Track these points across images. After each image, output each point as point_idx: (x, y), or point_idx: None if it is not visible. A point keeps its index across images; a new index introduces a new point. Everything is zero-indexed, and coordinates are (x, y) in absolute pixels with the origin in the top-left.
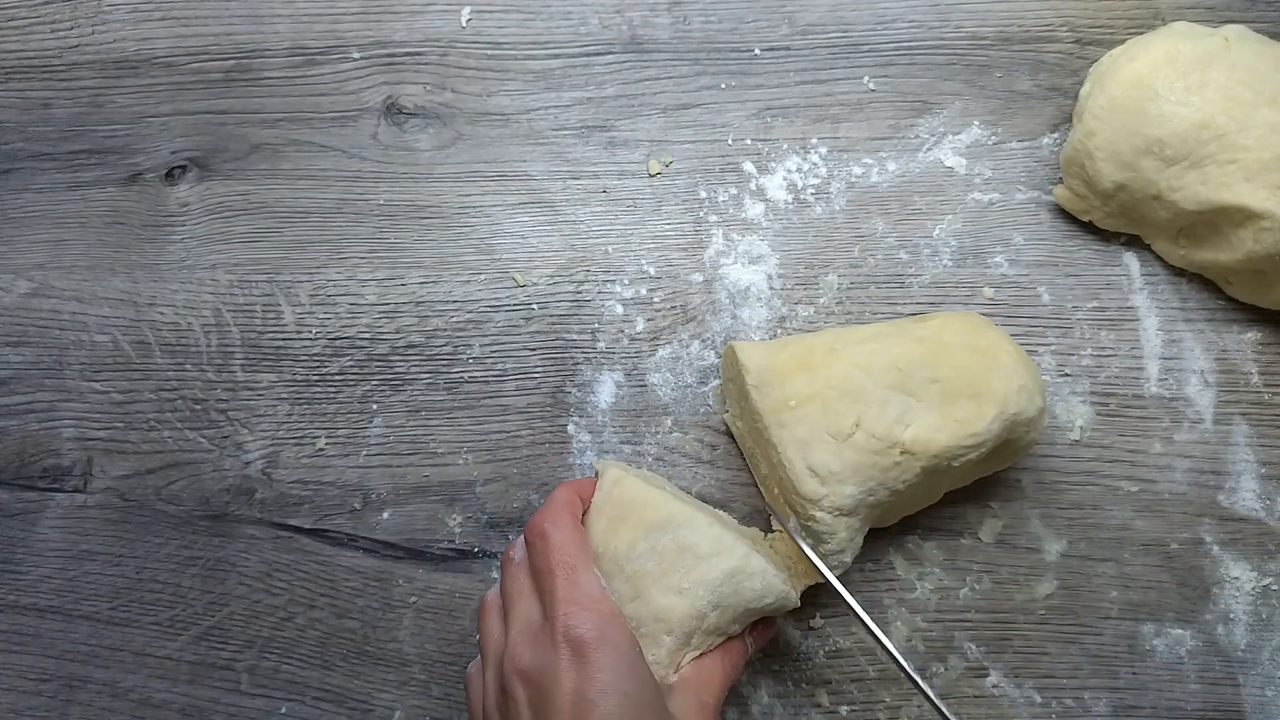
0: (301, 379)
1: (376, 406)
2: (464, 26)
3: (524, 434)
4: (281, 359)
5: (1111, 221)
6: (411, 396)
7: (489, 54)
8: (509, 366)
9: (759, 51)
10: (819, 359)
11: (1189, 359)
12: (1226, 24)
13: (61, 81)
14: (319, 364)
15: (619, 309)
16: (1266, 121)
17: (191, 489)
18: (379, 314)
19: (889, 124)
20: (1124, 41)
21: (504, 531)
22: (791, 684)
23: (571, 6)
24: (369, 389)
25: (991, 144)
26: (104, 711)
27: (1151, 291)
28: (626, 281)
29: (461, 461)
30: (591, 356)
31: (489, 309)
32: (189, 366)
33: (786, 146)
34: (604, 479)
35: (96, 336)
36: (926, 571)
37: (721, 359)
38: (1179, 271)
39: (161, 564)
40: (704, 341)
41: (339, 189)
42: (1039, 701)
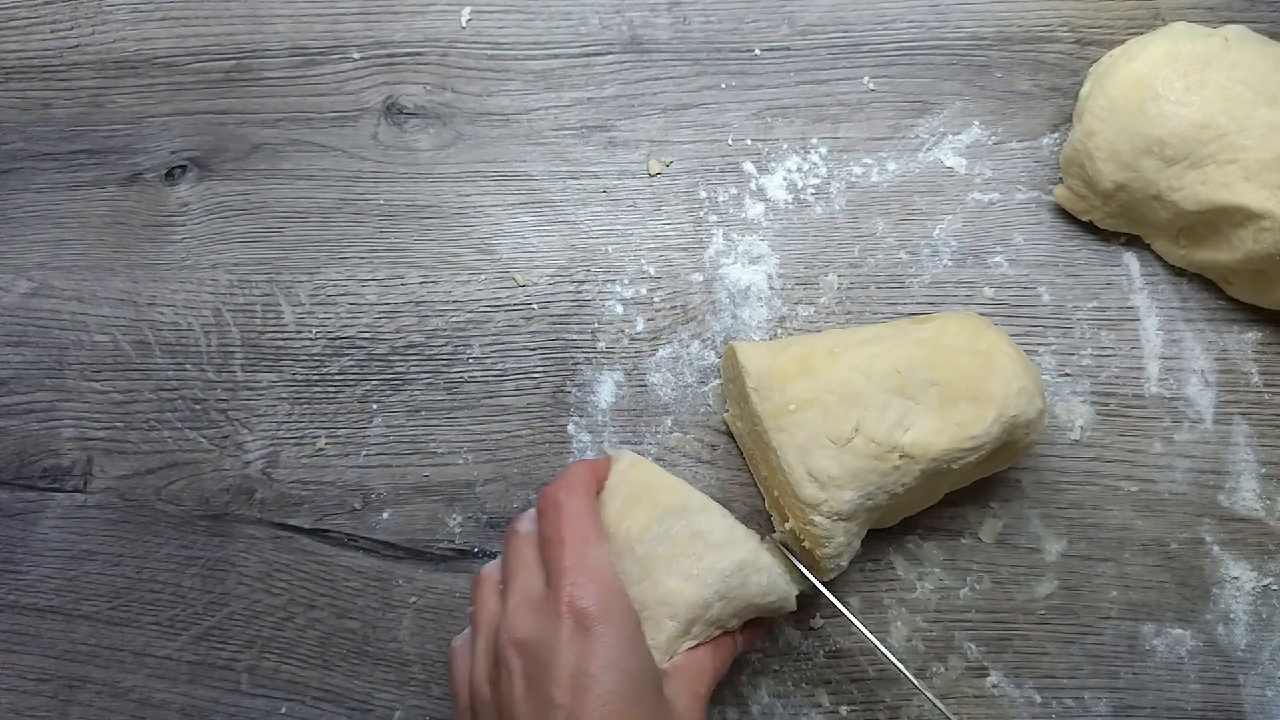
0: (301, 379)
1: (376, 406)
2: (464, 26)
3: (524, 434)
4: (281, 359)
5: (1111, 221)
6: (411, 396)
7: (489, 54)
8: (509, 366)
9: (759, 51)
10: (819, 362)
11: (1189, 359)
12: (1226, 24)
13: (61, 81)
14: (319, 364)
15: (619, 309)
16: (1266, 121)
17: (191, 489)
18: (379, 314)
19: (889, 124)
20: (1124, 41)
21: (504, 531)
22: (791, 684)
23: (571, 6)
24: (369, 389)
25: (991, 144)
26: (104, 711)
27: (1152, 291)
28: (626, 281)
29: (461, 461)
30: (591, 356)
31: (489, 309)
32: (189, 366)
33: (786, 146)
34: (621, 461)
35: (96, 336)
36: (926, 571)
37: (722, 359)
38: (1179, 271)
39: (161, 564)
40: (704, 341)
41: (339, 189)
42: (1039, 701)
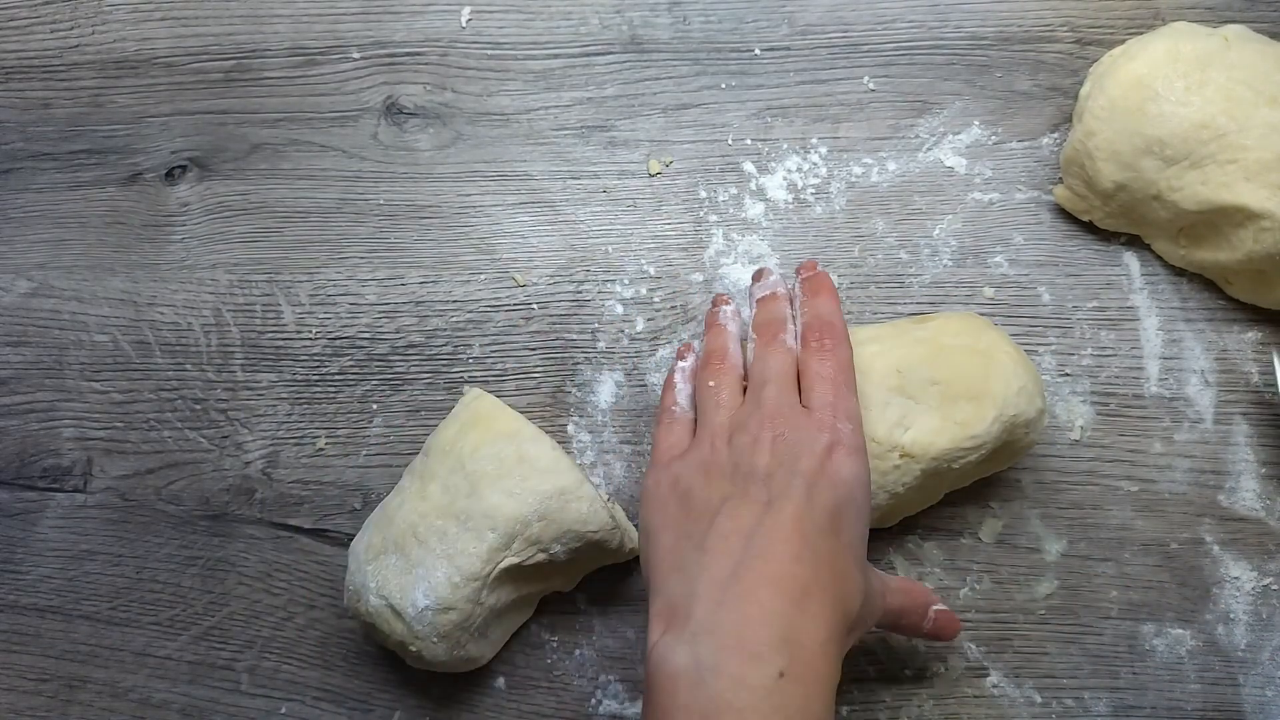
0: (301, 379)
1: (376, 406)
2: (464, 26)
3: None
4: (281, 359)
5: (1111, 221)
6: (411, 396)
7: (489, 54)
8: (509, 366)
9: (759, 51)
10: None
11: (1189, 359)
12: (1226, 24)
13: (61, 81)
14: (319, 364)
15: (619, 309)
16: (1266, 121)
17: (191, 489)
18: (379, 314)
19: (889, 124)
20: (1124, 41)
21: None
22: None
23: (571, 6)
24: (369, 389)
25: (991, 144)
26: (104, 711)
27: (1152, 291)
28: (626, 281)
29: None
30: (591, 356)
31: (489, 309)
32: (189, 366)
33: (786, 146)
34: (467, 395)
35: (96, 336)
36: (926, 571)
37: None
38: (1179, 271)
39: (161, 564)
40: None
41: (339, 189)
42: (1039, 701)
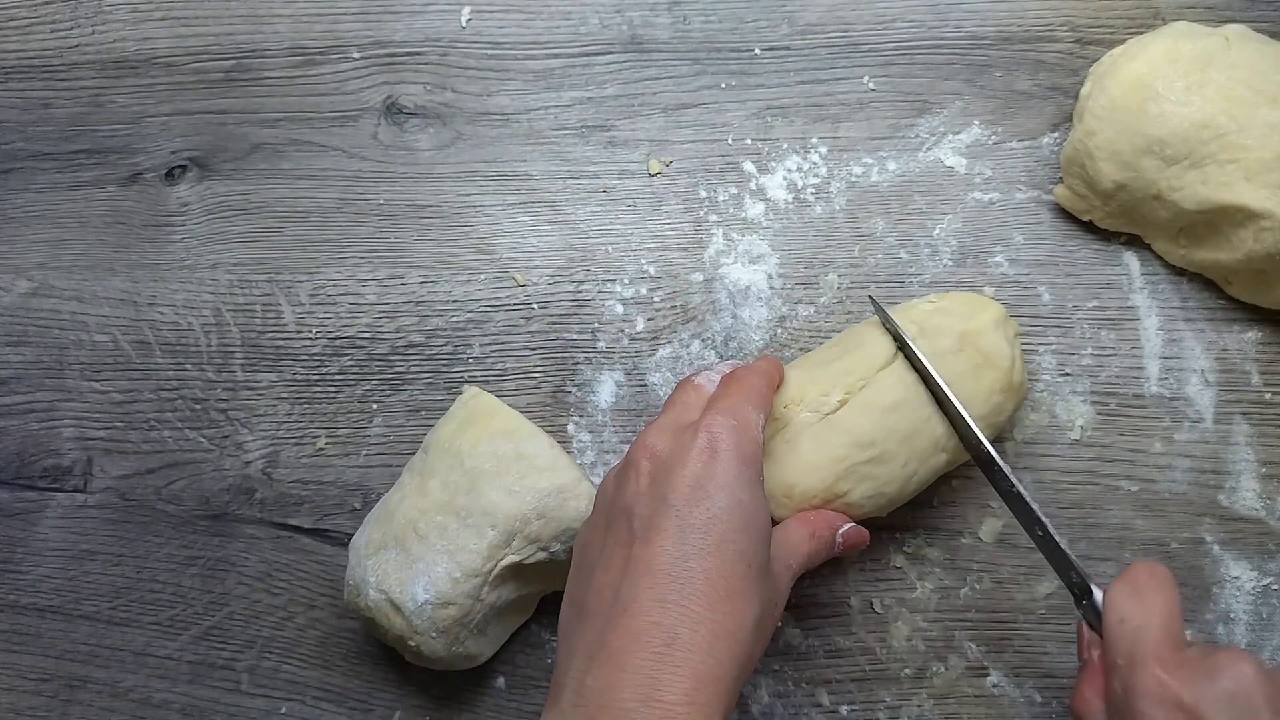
0: (301, 379)
1: (376, 406)
2: (464, 26)
3: None
4: (281, 359)
5: (1111, 221)
6: (411, 396)
7: (489, 54)
8: (509, 366)
9: (759, 51)
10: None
11: (1189, 358)
12: (1226, 24)
13: (61, 81)
14: (319, 364)
15: (619, 309)
16: (1267, 121)
17: (191, 489)
18: (379, 314)
19: (889, 124)
20: (1124, 41)
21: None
22: (791, 684)
23: (571, 6)
24: (369, 389)
25: (991, 144)
26: (104, 711)
27: (1152, 291)
28: (626, 281)
29: None
30: (591, 356)
31: (489, 309)
32: (189, 366)
33: (786, 146)
34: (466, 393)
35: (96, 336)
36: (926, 571)
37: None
38: (1179, 271)
39: (161, 564)
40: (704, 341)
41: (339, 189)
42: (1039, 701)
